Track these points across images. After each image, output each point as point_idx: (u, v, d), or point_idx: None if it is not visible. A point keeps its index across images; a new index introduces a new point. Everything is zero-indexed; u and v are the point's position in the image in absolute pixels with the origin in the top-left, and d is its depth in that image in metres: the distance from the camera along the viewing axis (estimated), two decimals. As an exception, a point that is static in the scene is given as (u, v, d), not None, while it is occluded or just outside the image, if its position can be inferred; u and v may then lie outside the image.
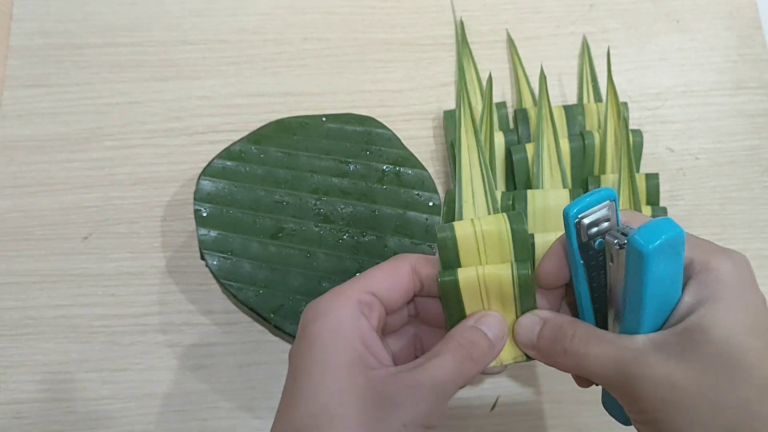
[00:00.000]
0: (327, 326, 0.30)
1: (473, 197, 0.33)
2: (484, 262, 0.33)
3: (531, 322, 0.32)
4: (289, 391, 0.30)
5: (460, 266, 0.33)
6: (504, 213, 0.33)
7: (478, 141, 0.33)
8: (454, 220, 0.45)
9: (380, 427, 0.28)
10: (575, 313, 0.33)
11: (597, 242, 0.30)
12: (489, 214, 0.33)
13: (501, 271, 0.32)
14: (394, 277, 0.33)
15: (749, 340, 0.27)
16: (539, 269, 0.33)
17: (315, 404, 0.29)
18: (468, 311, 0.33)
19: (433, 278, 0.33)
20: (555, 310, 0.34)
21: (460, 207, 0.33)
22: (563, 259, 0.32)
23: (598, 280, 0.32)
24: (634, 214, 0.32)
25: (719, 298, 0.28)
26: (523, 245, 0.32)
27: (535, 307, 0.33)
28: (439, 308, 0.34)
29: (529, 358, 0.33)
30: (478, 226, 0.32)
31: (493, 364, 0.33)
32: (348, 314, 0.31)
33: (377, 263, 0.43)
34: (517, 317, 0.33)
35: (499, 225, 0.32)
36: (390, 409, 0.29)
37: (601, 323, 0.32)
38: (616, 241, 0.30)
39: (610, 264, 0.31)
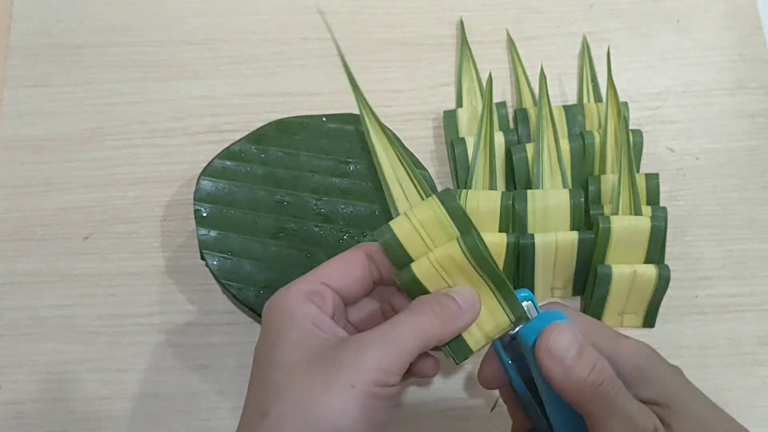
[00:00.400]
0: (279, 314, 0.32)
1: (403, 190, 0.34)
2: (432, 247, 0.33)
3: (571, 338, 0.31)
4: (251, 379, 0.32)
5: (411, 261, 0.33)
6: (433, 195, 0.34)
7: (387, 136, 0.34)
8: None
9: (328, 390, 0.29)
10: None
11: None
12: (420, 199, 0.34)
13: (450, 250, 0.33)
14: (347, 266, 0.34)
15: None
16: (479, 373, 0.35)
17: (270, 382, 0.30)
18: None
19: (390, 265, 0.34)
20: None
21: (395, 206, 0.34)
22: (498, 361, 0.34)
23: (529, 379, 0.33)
24: (553, 305, 0.34)
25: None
26: (461, 219, 0.33)
27: (499, 272, 0.33)
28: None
29: (515, 325, 0.33)
30: (414, 218, 0.33)
31: (482, 342, 0.33)
32: (297, 301, 0.32)
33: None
34: (490, 288, 0.33)
35: (434, 209, 0.33)
36: (336, 372, 0.30)
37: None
38: (510, 334, 0.33)
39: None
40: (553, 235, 0.45)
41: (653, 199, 0.47)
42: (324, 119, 0.48)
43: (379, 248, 0.34)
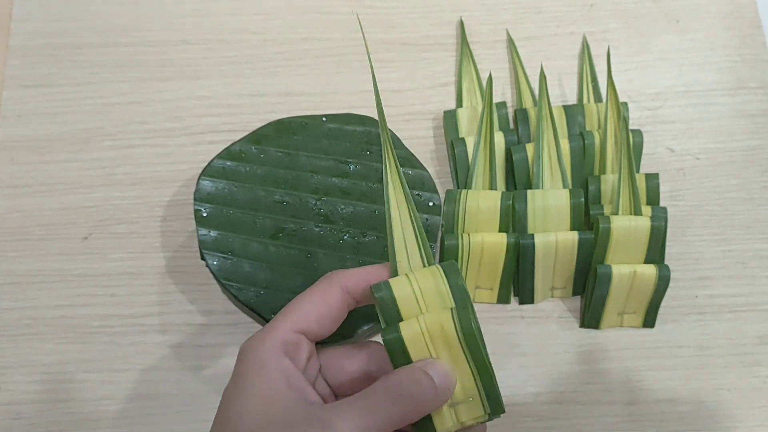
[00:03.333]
0: (252, 363, 0.31)
1: (407, 251, 0.34)
2: (425, 310, 0.33)
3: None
4: (215, 420, 0.32)
5: (401, 320, 0.33)
6: (438, 266, 0.33)
7: (405, 195, 0.34)
8: (453, 224, 0.45)
9: None
10: None
11: None
12: (422, 264, 0.34)
13: (442, 319, 0.32)
14: (325, 306, 0.33)
15: None
16: None
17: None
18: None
19: (367, 292, 0.33)
20: None
21: (395, 263, 0.34)
22: None
23: None
24: None
25: None
26: (462, 295, 0.33)
27: (486, 358, 0.32)
28: None
29: (491, 417, 0.32)
30: (415, 283, 0.33)
31: (451, 424, 0.32)
32: (272, 354, 0.31)
33: (378, 263, 0.43)
34: (472, 372, 0.32)
35: (436, 279, 0.33)
36: None
37: None
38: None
39: None
40: (553, 235, 0.45)
41: (653, 199, 0.47)
42: (324, 119, 0.48)
43: (353, 277, 0.33)
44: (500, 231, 0.46)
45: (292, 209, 0.45)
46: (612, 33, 0.55)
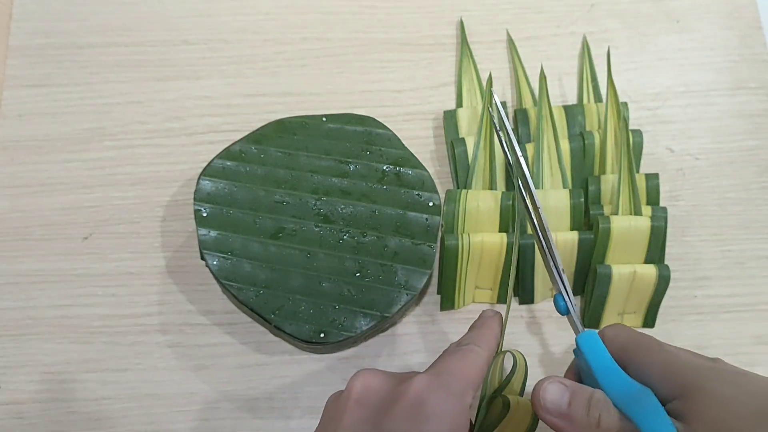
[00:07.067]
0: (446, 418, 0.31)
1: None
2: None
3: (559, 390, 0.33)
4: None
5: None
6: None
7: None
8: (453, 224, 0.46)
9: None
10: None
11: None
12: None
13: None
14: (483, 370, 0.35)
15: None
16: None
17: None
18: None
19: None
20: None
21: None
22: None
23: None
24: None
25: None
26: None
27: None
28: None
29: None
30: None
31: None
32: (463, 416, 0.32)
33: (378, 263, 0.43)
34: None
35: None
36: None
37: None
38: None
39: None
40: (553, 235, 0.45)
41: (653, 199, 0.47)
42: (324, 119, 0.48)
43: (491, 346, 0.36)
44: (500, 231, 0.46)
45: (292, 209, 0.45)
46: (612, 33, 0.55)
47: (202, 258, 0.44)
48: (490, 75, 0.50)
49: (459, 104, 0.52)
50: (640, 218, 0.45)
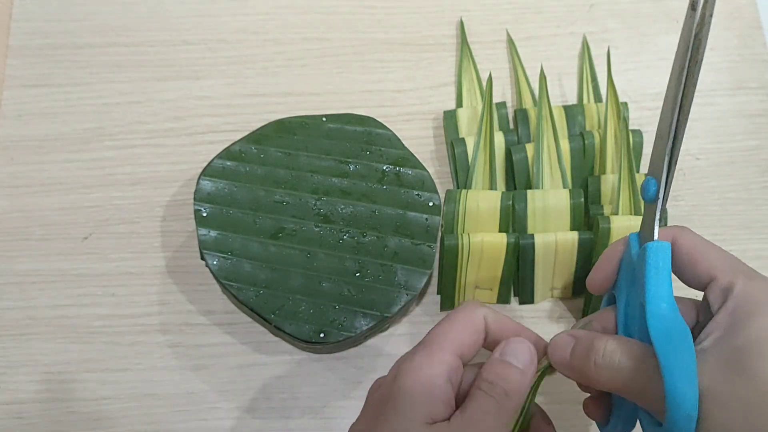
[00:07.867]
0: (419, 381, 0.31)
1: None
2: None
3: (564, 341, 0.33)
4: (364, 425, 0.32)
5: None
6: None
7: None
8: (453, 224, 0.46)
9: None
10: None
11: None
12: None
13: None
14: (475, 335, 0.34)
15: None
16: (592, 276, 0.37)
17: None
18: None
19: (498, 335, 0.35)
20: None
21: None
22: (609, 272, 0.36)
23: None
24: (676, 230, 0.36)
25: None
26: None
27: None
28: None
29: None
30: None
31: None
32: (440, 378, 0.32)
33: (378, 263, 0.43)
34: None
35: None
36: None
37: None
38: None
39: None
40: (553, 235, 0.45)
41: (653, 199, 0.47)
42: (324, 119, 0.48)
43: (493, 315, 0.35)
44: (500, 231, 0.46)
45: (292, 209, 0.45)
46: (612, 33, 0.55)
47: (202, 258, 0.44)
48: (490, 75, 0.50)
49: (459, 104, 0.52)
50: (640, 218, 0.45)
